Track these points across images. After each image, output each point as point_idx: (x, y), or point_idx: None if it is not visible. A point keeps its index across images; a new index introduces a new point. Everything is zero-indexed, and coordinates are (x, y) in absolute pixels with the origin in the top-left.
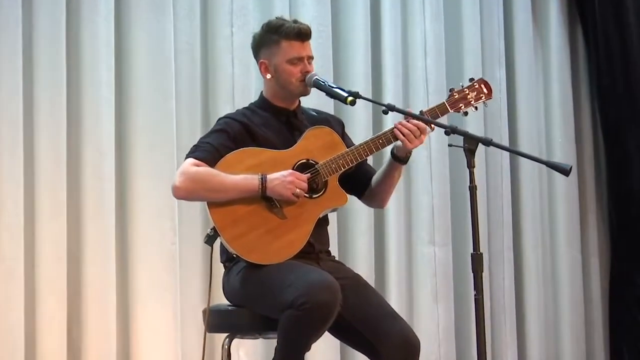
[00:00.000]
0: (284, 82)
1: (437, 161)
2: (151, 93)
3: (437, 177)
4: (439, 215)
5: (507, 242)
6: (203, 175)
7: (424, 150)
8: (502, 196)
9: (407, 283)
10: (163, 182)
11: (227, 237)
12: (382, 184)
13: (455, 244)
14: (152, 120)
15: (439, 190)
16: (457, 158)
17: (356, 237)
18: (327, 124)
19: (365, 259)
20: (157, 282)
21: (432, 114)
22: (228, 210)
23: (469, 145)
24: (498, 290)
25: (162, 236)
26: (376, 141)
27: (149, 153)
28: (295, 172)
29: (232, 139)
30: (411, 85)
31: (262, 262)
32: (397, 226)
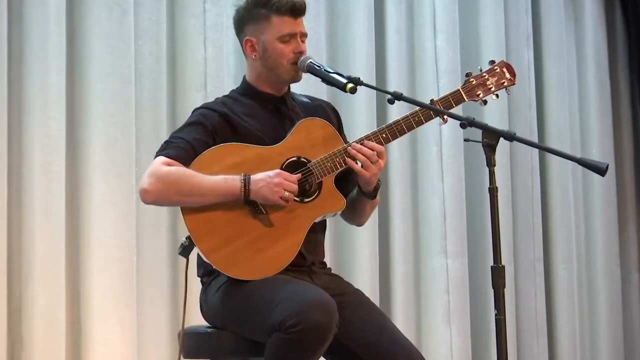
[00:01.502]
0: (273, 63)
1: (450, 158)
2: (106, 78)
3: (449, 177)
4: (452, 221)
5: (537, 254)
6: (176, 176)
7: (434, 145)
8: (531, 200)
9: (415, 301)
10: (121, 183)
11: (204, 248)
12: (354, 211)
13: (472, 256)
14: (108, 111)
15: (452, 192)
16: (473, 154)
17: (356, 247)
18: (323, 112)
19: (366, 272)
20: (114, 299)
21: (445, 103)
22: (205, 217)
23: (489, 140)
24: (526, 309)
25: (120, 246)
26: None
27: (105, 149)
28: (284, 172)
29: (210, 133)
30: (419, 69)
31: (245, 277)
32: (403, 234)
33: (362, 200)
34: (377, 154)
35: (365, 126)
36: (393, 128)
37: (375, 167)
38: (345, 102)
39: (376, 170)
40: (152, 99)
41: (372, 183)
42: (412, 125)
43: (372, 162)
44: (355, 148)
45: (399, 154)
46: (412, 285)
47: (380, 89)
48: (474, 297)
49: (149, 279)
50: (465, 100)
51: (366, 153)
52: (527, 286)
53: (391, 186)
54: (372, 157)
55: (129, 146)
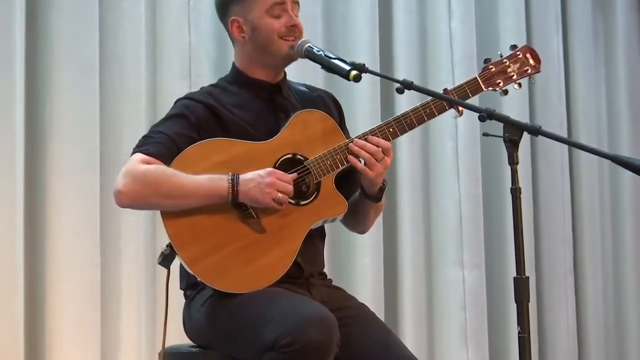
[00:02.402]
0: (264, 40)
1: (467, 155)
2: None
3: (466, 176)
4: (469, 226)
5: (567, 264)
6: (155, 175)
7: (450, 140)
8: (561, 203)
9: (427, 317)
10: (84, 185)
11: (186, 257)
12: (356, 216)
13: (491, 266)
14: (72, 103)
15: (469, 194)
16: (490, 151)
17: (357, 257)
18: (322, 104)
19: (368, 286)
20: (79, 318)
21: (461, 93)
22: (188, 222)
23: (511, 135)
24: (555, 327)
25: (83, 256)
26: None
27: (65, 144)
28: (277, 171)
29: (194, 127)
30: (431, 55)
31: (233, 290)
32: (412, 242)
33: (366, 204)
34: (383, 150)
35: (368, 119)
36: (401, 121)
37: (381, 165)
38: (344, 93)
39: (381, 169)
40: (129, 88)
41: (376, 184)
42: (423, 118)
43: (377, 160)
44: (358, 144)
45: (408, 150)
46: (423, 301)
47: (389, 77)
48: (493, 313)
49: (121, 292)
50: (483, 89)
51: (370, 150)
52: (555, 301)
53: (399, 187)
54: (377, 154)
55: (92, 142)
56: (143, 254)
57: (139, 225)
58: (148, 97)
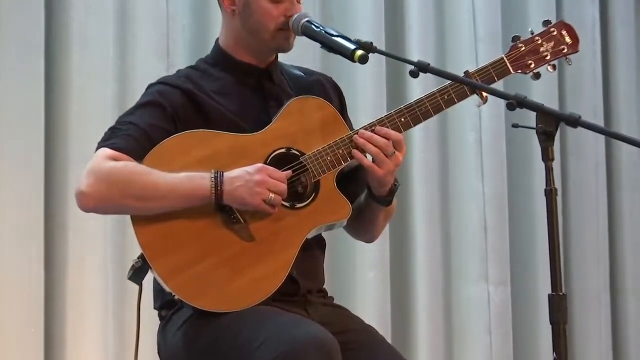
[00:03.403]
0: (255, 25)
1: (492, 149)
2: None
3: (491, 175)
4: (494, 234)
5: (602, 279)
6: (124, 173)
7: (472, 132)
8: (595, 207)
9: (445, 342)
10: (25, 185)
11: (161, 270)
12: (362, 222)
13: (518, 281)
14: (13, 90)
15: (494, 195)
16: (520, 145)
17: (362, 270)
18: (321, 90)
19: (372, 304)
20: (20, 338)
21: (485, 76)
22: (163, 229)
23: (545, 126)
24: (586, 352)
25: (24, 267)
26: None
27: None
28: (269, 168)
29: (170, 116)
30: (450, 32)
31: (217, 308)
32: (428, 252)
33: (373, 208)
34: (394, 144)
35: (372, 108)
36: (415, 110)
37: (391, 161)
38: (344, 76)
39: (392, 167)
40: (91, 71)
41: (386, 184)
42: (441, 106)
43: (386, 155)
44: (365, 136)
45: (423, 143)
46: (440, 323)
47: (402, 58)
48: (522, 335)
49: (83, 313)
50: (511, 72)
51: (379, 143)
52: (585, 322)
53: (411, 187)
54: (387, 148)
55: (34, 136)
56: (110, 267)
57: (105, 233)
58: (117, 81)
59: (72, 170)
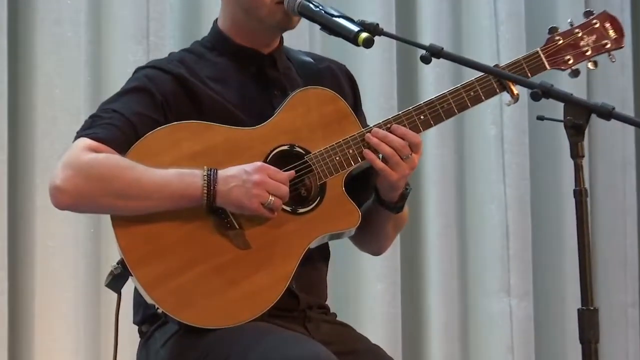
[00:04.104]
0: (249, 2)
1: (515, 145)
2: None
3: (514, 174)
4: (517, 242)
5: (630, 293)
6: (105, 167)
7: (493, 126)
8: (623, 214)
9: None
10: None
11: (143, 278)
12: (369, 231)
13: (544, 293)
14: None
15: (517, 197)
16: (546, 140)
17: (371, 281)
18: (332, 79)
19: (384, 320)
20: None
21: (517, 71)
22: (147, 232)
23: (575, 119)
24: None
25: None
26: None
27: None
28: (269, 167)
29: (160, 105)
30: (467, 13)
31: (206, 324)
32: (443, 262)
33: (381, 215)
34: (411, 145)
35: (380, 98)
36: (436, 107)
37: (407, 165)
38: (348, 63)
39: (407, 171)
40: (60, 56)
41: (398, 188)
42: (466, 104)
43: (401, 158)
44: (379, 135)
45: (437, 138)
46: (456, 341)
47: (412, 42)
48: (545, 354)
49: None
50: (547, 67)
51: (394, 143)
52: (611, 340)
53: (425, 189)
54: (403, 149)
55: None
56: (82, 274)
57: (76, 235)
58: (90, 67)
59: (39, 168)
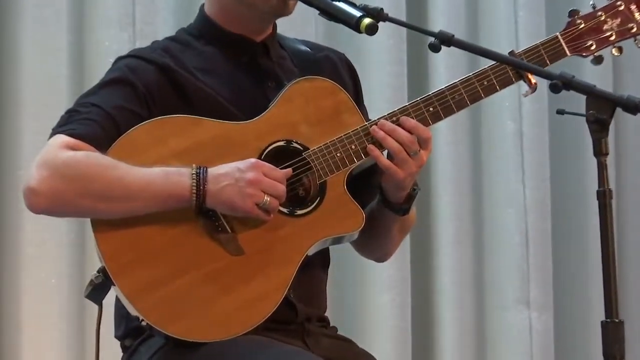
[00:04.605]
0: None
1: (535, 143)
2: None
3: (533, 174)
4: (537, 249)
5: None
6: (84, 167)
7: (510, 122)
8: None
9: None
10: None
11: (127, 287)
12: (372, 235)
13: (566, 305)
14: None
15: (537, 200)
16: (567, 136)
17: (377, 292)
18: (331, 69)
19: (392, 334)
20: None
21: (534, 58)
22: (131, 237)
23: (598, 113)
24: None
25: None
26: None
27: None
28: (264, 164)
29: (143, 98)
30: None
31: (195, 337)
32: (456, 271)
33: (386, 217)
34: (419, 140)
35: (388, 91)
36: (447, 97)
37: (414, 162)
38: (352, 51)
39: (414, 168)
40: (42, 44)
41: (404, 188)
42: (479, 94)
43: (409, 154)
44: (386, 128)
45: (451, 134)
46: (471, 356)
47: (420, 29)
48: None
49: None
50: (567, 54)
51: (402, 138)
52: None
53: (436, 190)
54: (411, 145)
55: None
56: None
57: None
58: (71, 56)
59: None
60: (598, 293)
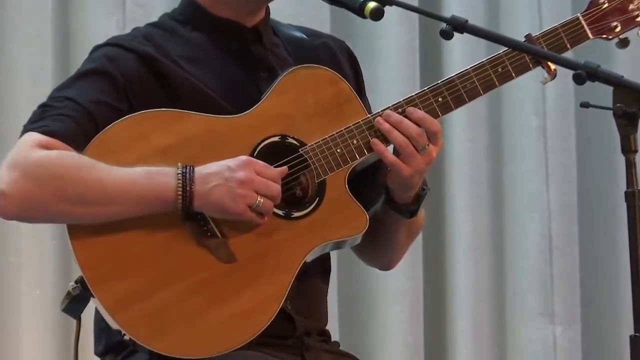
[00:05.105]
0: None
1: (561, 141)
2: None
3: (559, 176)
4: (563, 256)
5: None
6: (59, 168)
7: (533, 117)
8: None
9: None
10: None
11: (107, 299)
12: (377, 240)
13: (594, 318)
14: None
15: (563, 203)
16: (595, 132)
17: (386, 302)
18: (330, 57)
19: (404, 349)
20: None
21: (553, 42)
22: (111, 244)
23: (626, 107)
24: None
25: None
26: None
27: None
28: (257, 162)
29: (123, 90)
30: None
31: (182, 354)
32: (473, 281)
33: (393, 220)
34: (428, 133)
35: (399, 83)
36: (457, 86)
37: (423, 157)
38: (361, 40)
39: (422, 165)
40: (23, 30)
41: (412, 187)
42: (493, 82)
43: (417, 149)
44: (391, 120)
45: (466, 130)
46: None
47: (430, 14)
48: None
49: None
50: (589, 37)
51: (409, 130)
52: None
53: (451, 192)
54: (419, 138)
55: None
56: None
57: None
58: (56, 43)
59: None
60: (631, 305)
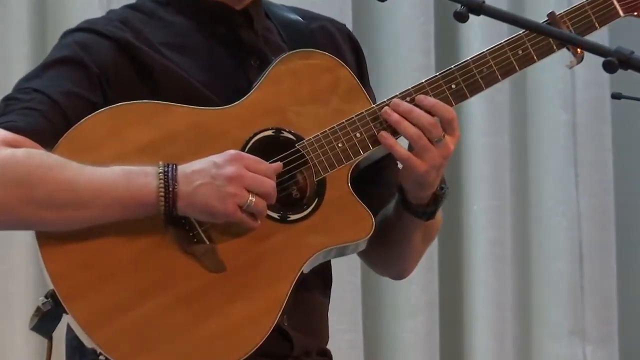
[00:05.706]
0: None
1: (592, 138)
2: None
3: (590, 176)
4: (594, 268)
5: None
6: (26, 167)
7: (562, 111)
8: None
9: None
10: None
11: (81, 315)
12: (389, 245)
13: (630, 336)
14: None
15: (595, 207)
16: (632, 127)
17: (398, 317)
18: (328, 41)
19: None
20: None
21: (580, 21)
22: (86, 252)
23: None
24: None
25: None
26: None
27: None
28: (247, 156)
29: (97, 81)
30: None
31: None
32: (495, 292)
33: (407, 223)
34: (442, 123)
35: (413, 71)
36: (472, 72)
37: (439, 150)
38: (365, 24)
39: (439, 159)
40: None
41: (428, 185)
42: (512, 67)
43: (431, 141)
44: (400, 109)
45: (487, 125)
46: None
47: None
48: None
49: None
50: (620, 14)
51: (420, 120)
52: None
53: (470, 194)
54: (432, 129)
55: None
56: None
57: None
58: (34, 32)
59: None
60: None
